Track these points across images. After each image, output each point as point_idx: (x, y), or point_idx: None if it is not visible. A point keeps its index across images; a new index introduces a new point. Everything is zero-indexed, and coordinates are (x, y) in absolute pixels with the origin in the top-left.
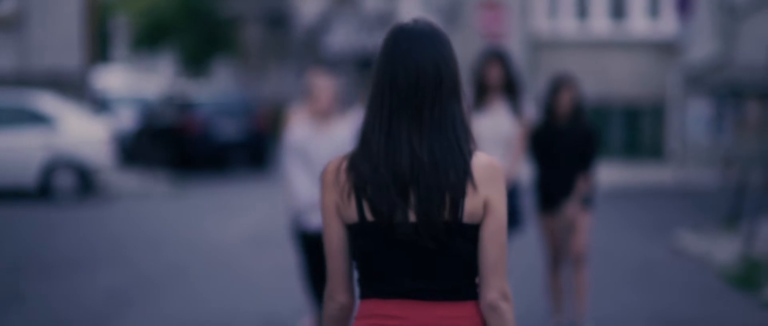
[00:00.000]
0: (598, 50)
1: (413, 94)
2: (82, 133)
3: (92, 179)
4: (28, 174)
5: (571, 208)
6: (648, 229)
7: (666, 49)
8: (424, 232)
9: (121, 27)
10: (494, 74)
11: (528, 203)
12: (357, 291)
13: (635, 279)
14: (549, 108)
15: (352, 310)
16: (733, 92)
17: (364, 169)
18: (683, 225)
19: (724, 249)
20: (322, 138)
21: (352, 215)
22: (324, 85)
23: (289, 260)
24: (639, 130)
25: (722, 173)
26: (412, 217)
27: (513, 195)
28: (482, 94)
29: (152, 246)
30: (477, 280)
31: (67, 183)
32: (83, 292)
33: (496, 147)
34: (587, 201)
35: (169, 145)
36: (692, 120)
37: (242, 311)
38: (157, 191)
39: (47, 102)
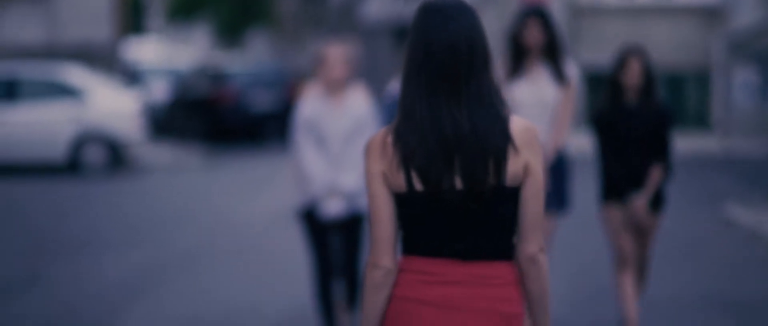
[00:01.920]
0: (640, 17)
1: (449, 67)
2: (112, 106)
3: (122, 153)
4: (57, 149)
5: (640, 206)
6: (695, 201)
7: (710, 14)
8: (470, 197)
9: None
10: (534, 35)
11: (585, 187)
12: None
13: (684, 255)
14: (614, 83)
15: (395, 274)
16: None
17: (410, 141)
18: (731, 196)
19: None
20: (336, 113)
21: (401, 184)
22: (337, 54)
23: None
24: (683, 98)
25: None
26: (458, 184)
27: (560, 170)
28: (520, 58)
29: (179, 224)
30: (514, 241)
31: (96, 158)
32: (101, 273)
33: (540, 115)
34: (659, 200)
35: (202, 117)
36: (738, 87)
37: (266, 297)
38: (189, 164)
39: (76, 74)
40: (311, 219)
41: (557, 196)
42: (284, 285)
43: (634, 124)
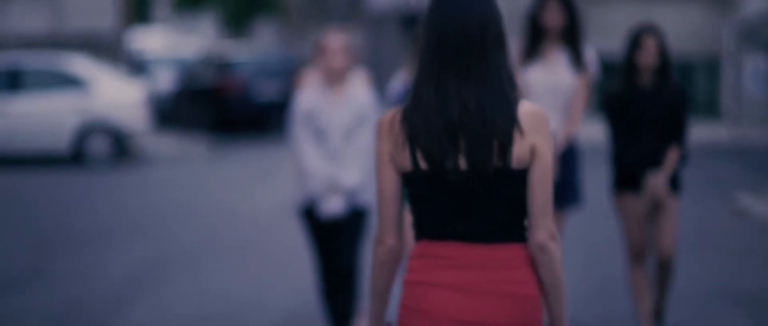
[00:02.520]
0: (650, 4)
1: (461, 48)
2: (117, 96)
3: (127, 143)
4: (61, 139)
5: (659, 182)
6: (705, 190)
7: (720, 2)
8: (474, 178)
9: None
10: (553, 16)
11: (594, 176)
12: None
13: (695, 246)
14: (629, 64)
15: (401, 253)
16: None
17: (416, 120)
18: (742, 185)
19: None
20: (335, 105)
21: (407, 163)
22: (336, 43)
23: None
24: (693, 86)
25: None
26: (462, 164)
27: (570, 161)
28: (537, 41)
29: (182, 218)
30: (525, 223)
31: (101, 148)
32: (104, 269)
33: (554, 102)
34: (675, 184)
35: (208, 107)
36: (748, 76)
37: (270, 293)
38: (194, 155)
39: (80, 64)
40: (311, 217)
41: (568, 189)
42: (288, 281)
43: (648, 106)
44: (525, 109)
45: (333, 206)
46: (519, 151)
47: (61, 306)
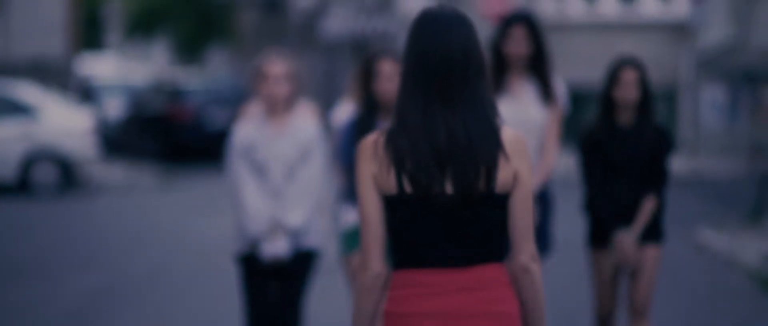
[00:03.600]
0: (607, 33)
1: (444, 75)
2: (64, 124)
3: (74, 172)
4: (6, 168)
5: (627, 243)
6: (665, 224)
7: (678, 31)
8: (460, 202)
9: (115, 13)
10: (517, 43)
11: (567, 225)
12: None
13: (660, 285)
14: (607, 100)
15: (386, 278)
16: (749, 77)
17: (403, 144)
18: (702, 219)
19: (749, 247)
20: (277, 138)
21: (391, 187)
22: (277, 69)
23: None
24: None
25: (748, 162)
26: (448, 189)
27: (544, 208)
28: (502, 72)
29: (132, 247)
30: (504, 243)
31: (47, 177)
32: (52, 300)
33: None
34: (655, 232)
35: (158, 135)
36: (706, 106)
37: (223, 322)
38: (143, 184)
39: (27, 91)
40: (250, 262)
41: (539, 237)
42: (238, 314)
43: (626, 147)
44: (508, 135)
45: (276, 248)
46: (503, 176)
47: None
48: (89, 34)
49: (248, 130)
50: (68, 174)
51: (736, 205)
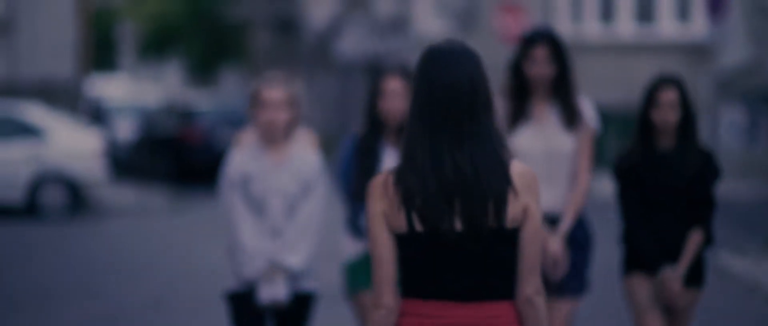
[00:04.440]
0: (624, 54)
1: (451, 110)
2: (73, 146)
3: (83, 195)
4: (14, 190)
5: (675, 281)
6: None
7: (696, 52)
8: (470, 238)
9: (128, 34)
10: (542, 66)
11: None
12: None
13: None
14: (643, 123)
15: (397, 313)
16: None
17: (411, 182)
18: (722, 243)
19: None
20: (276, 170)
21: (402, 225)
22: (275, 95)
23: None
24: None
25: None
26: (458, 225)
27: (579, 243)
28: (524, 97)
29: (141, 273)
30: (514, 280)
31: (56, 200)
32: None
33: (553, 170)
34: (699, 275)
35: (169, 157)
36: (724, 128)
37: None
38: (153, 206)
39: (36, 113)
40: (245, 303)
41: (575, 278)
42: None
43: (668, 175)
44: (517, 169)
45: (275, 292)
46: (513, 211)
47: None
48: (102, 55)
49: (244, 160)
50: (77, 197)
51: (757, 229)
